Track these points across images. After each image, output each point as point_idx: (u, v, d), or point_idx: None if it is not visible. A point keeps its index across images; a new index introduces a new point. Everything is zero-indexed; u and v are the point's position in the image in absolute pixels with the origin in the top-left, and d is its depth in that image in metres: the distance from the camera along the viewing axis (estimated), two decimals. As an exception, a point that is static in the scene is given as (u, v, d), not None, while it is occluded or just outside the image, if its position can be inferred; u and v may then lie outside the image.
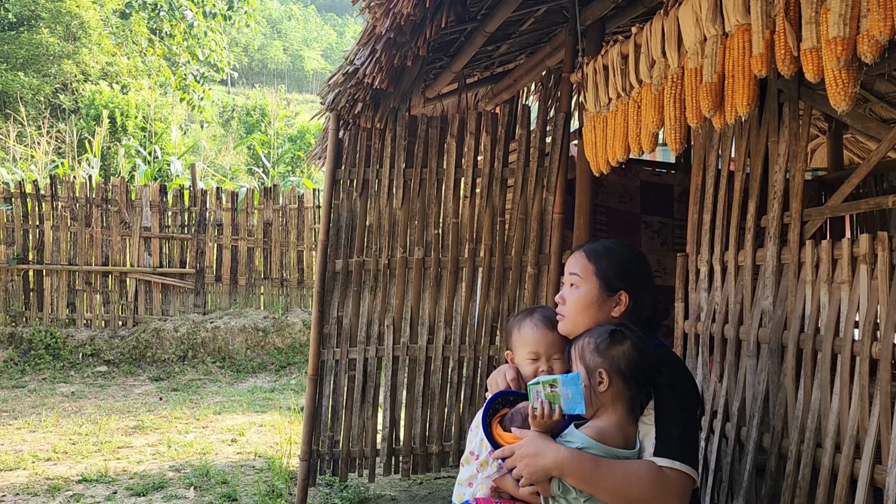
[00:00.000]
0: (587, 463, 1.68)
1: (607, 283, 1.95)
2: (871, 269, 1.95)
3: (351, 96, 3.41)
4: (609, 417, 1.74)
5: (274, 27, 42.38)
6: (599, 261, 1.98)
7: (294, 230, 9.15)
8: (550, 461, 1.68)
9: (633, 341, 1.77)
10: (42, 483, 4.24)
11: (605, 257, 1.99)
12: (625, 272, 1.97)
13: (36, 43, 18.03)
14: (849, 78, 1.64)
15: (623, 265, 1.98)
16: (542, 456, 1.70)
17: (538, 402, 1.73)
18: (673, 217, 4.17)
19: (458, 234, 3.53)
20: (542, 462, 1.69)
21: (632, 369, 1.74)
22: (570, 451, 1.69)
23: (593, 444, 1.70)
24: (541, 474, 1.71)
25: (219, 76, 19.76)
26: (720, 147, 2.64)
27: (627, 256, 2.02)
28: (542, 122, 3.55)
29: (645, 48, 2.41)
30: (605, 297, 1.95)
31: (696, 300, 2.67)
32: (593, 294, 1.96)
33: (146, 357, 8.29)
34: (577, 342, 1.86)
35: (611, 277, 1.96)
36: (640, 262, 2.04)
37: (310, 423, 3.49)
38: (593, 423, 1.75)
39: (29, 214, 8.63)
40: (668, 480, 1.68)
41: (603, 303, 1.95)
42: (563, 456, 1.68)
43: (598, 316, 1.95)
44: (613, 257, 1.99)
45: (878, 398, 1.86)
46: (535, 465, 1.70)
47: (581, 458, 1.68)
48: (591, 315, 1.95)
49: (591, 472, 1.68)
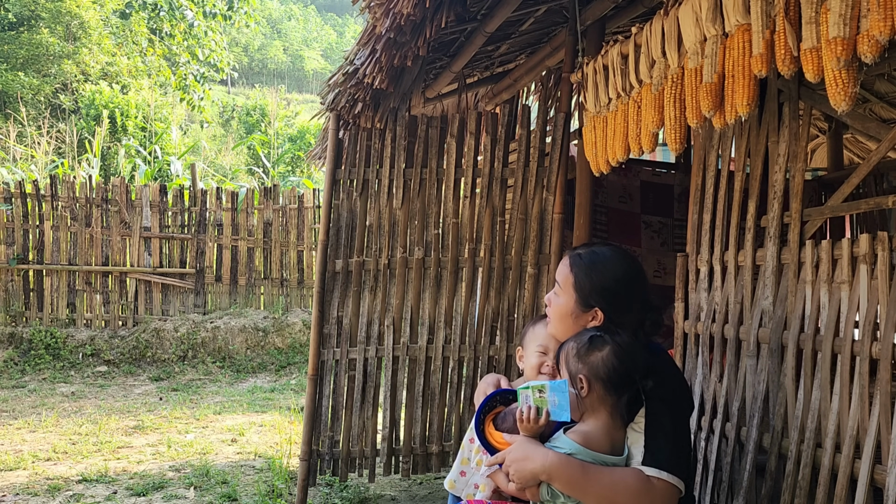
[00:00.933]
0: (575, 469, 1.67)
1: (583, 299, 1.91)
2: (871, 269, 1.95)
3: (351, 96, 3.41)
4: (594, 423, 1.74)
5: (274, 27, 42.39)
6: (580, 273, 1.92)
7: (294, 230, 9.15)
8: (538, 465, 1.68)
9: (612, 347, 1.74)
10: (42, 483, 4.24)
11: (586, 270, 1.91)
12: (603, 291, 1.89)
13: (36, 43, 18.03)
14: (849, 78, 1.64)
15: (603, 284, 1.89)
16: (530, 460, 1.70)
17: (526, 407, 1.74)
18: (673, 217, 4.17)
19: (458, 234, 3.53)
20: (531, 466, 1.69)
21: (611, 375, 1.72)
22: (558, 457, 1.69)
23: (580, 450, 1.70)
24: (529, 478, 1.71)
25: (219, 76, 19.78)
26: (720, 147, 2.64)
27: (612, 275, 1.90)
28: (542, 122, 3.55)
29: (645, 48, 2.41)
30: (579, 312, 1.92)
31: (696, 300, 2.67)
32: (569, 306, 1.93)
33: (146, 357, 8.29)
34: (562, 347, 1.85)
35: (587, 294, 1.90)
36: (627, 282, 1.90)
37: (310, 423, 3.49)
38: (579, 428, 1.75)
39: (29, 214, 8.63)
40: (655, 490, 1.67)
41: (578, 316, 1.92)
42: (551, 461, 1.68)
43: (573, 328, 1.92)
44: (596, 273, 1.90)
45: (878, 398, 1.86)
46: (524, 469, 1.70)
47: (569, 464, 1.68)
48: (568, 326, 1.94)
49: (579, 477, 1.67)
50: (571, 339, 1.84)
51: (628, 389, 1.73)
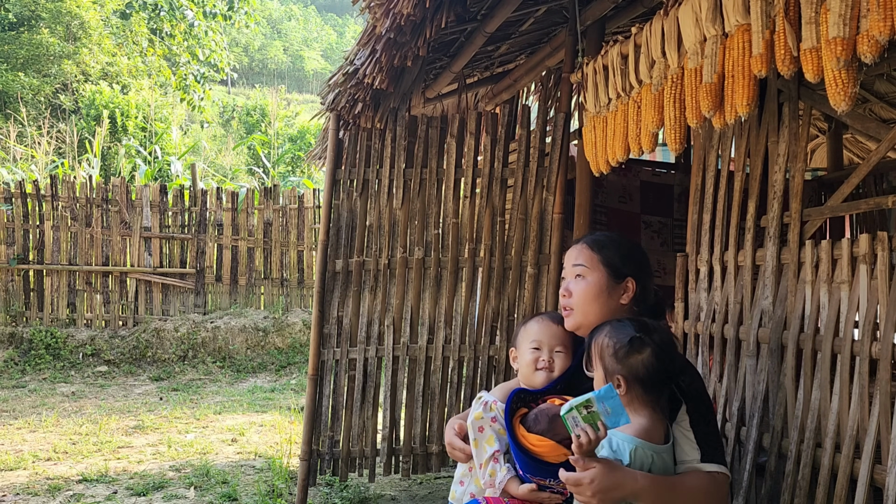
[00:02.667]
0: (664, 488, 1.66)
1: (615, 271, 1.97)
2: (871, 269, 1.95)
3: (351, 96, 3.41)
4: (642, 418, 1.73)
5: (274, 27, 42.39)
6: (604, 249, 1.99)
7: (294, 230, 9.15)
8: (629, 492, 1.64)
9: (653, 348, 1.73)
10: (42, 483, 4.24)
11: (608, 246, 2.00)
12: (630, 258, 2.00)
13: (36, 43, 18.03)
14: (848, 78, 1.64)
15: (628, 252, 2.01)
16: (620, 488, 1.62)
17: (580, 430, 1.62)
18: (673, 217, 4.17)
19: (458, 234, 3.53)
20: (621, 494, 1.64)
21: (651, 377, 1.72)
22: (649, 480, 1.64)
23: (642, 443, 1.69)
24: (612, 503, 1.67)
25: (219, 76, 19.78)
26: (720, 147, 2.64)
27: (628, 244, 2.05)
28: (541, 122, 3.55)
29: (645, 48, 2.41)
30: (613, 285, 1.96)
31: (695, 300, 2.67)
32: (602, 282, 1.96)
33: (146, 357, 8.30)
34: (596, 338, 1.81)
35: (617, 264, 1.97)
36: (640, 248, 2.11)
37: (310, 422, 3.49)
38: (633, 422, 1.71)
39: (29, 214, 8.63)
40: (720, 485, 1.74)
41: (612, 290, 1.96)
42: (643, 486, 1.63)
43: (608, 304, 1.95)
44: (616, 246, 2.01)
45: (878, 398, 1.86)
46: (612, 499, 1.62)
47: (659, 485, 1.66)
48: (601, 304, 1.95)
49: (668, 495, 1.67)
50: (607, 335, 1.79)
51: (667, 388, 1.76)
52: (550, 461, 1.82)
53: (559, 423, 1.74)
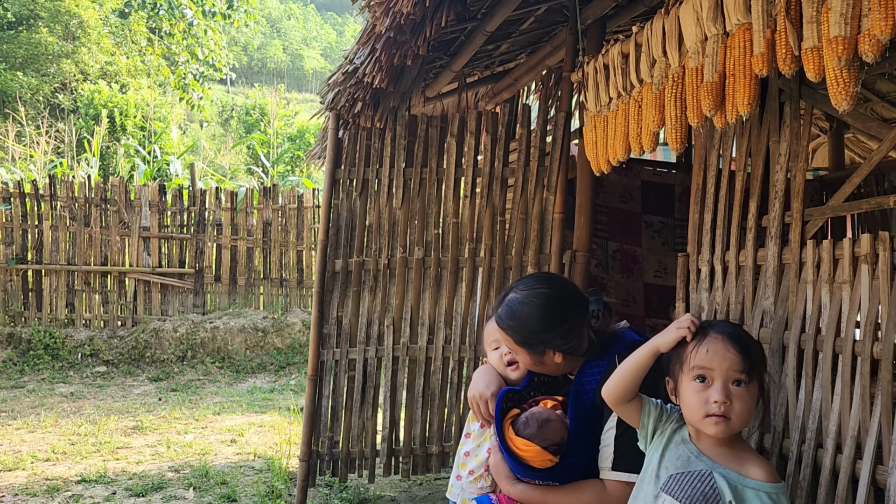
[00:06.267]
0: None
1: (533, 350, 1.97)
2: (873, 269, 1.95)
3: (351, 96, 3.40)
4: None
5: (273, 26, 42.40)
6: (514, 333, 1.98)
7: (293, 230, 9.14)
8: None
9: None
10: (41, 483, 4.24)
11: (515, 328, 1.97)
12: (541, 336, 1.94)
13: (35, 42, 18.02)
14: (850, 77, 1.63)
15: (536, 330, 1.94)
16: None
17: None
18: (674, 217, 4.16)
19: (458, 233, 3.52)
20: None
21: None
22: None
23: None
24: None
25: (218, 75, 19.77)
26: (721, 146, 2.63)
27: (537, 320, 1.94)
28: (542, 121, 3.54)
29: (646, 47, 2.40)
30: (539, 358, 1.99)
31: (696, 300, 2.66)
32: (528, 360, 2.01)
33: (145, 357, 8.29)
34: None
35: (533, 345, 1.96)
36: (553, 315, 1.93)
37: (309, 423, 3.49)
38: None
39: (28, 214, 8.62)
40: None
41: (541, 361, 1.99)
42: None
43: (547, 370, 2.02)
44: (521, 324, 1.95)
45: (880, 398, 1.85)
46: None
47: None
48: (541, 370, 2.04)
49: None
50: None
51: None
52: (535, 466, 1.84)
53: (548, 429, 1.84)
